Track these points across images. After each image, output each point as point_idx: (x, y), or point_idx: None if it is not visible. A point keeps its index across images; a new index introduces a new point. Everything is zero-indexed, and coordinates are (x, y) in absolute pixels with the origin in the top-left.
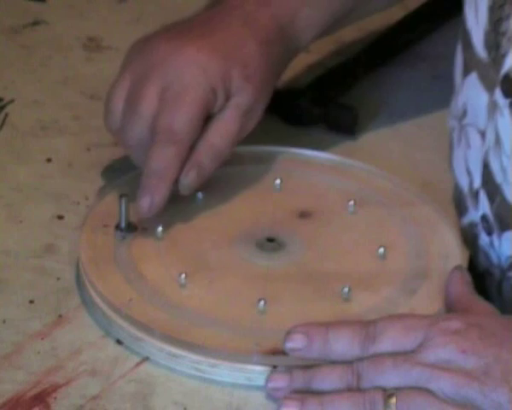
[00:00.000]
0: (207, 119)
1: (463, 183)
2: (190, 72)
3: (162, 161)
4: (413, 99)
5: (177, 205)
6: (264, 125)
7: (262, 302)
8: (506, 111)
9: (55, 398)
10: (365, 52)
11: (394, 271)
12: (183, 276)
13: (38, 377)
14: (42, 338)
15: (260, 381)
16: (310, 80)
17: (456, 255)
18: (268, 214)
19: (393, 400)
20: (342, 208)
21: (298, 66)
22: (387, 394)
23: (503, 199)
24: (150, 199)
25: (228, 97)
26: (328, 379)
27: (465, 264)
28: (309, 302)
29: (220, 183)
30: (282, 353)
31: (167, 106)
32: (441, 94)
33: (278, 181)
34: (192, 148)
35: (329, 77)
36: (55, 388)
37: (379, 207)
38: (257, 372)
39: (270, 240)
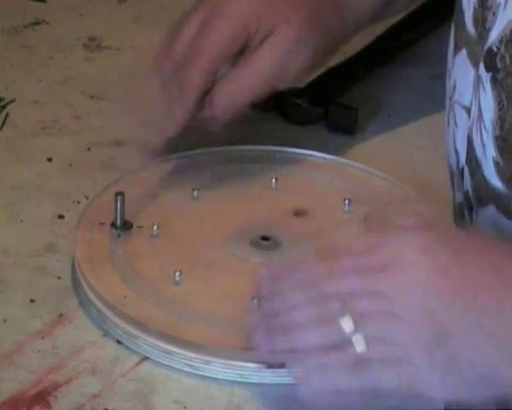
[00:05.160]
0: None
1: (453, 163)
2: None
3: (192, 77)
4: (413, 99)
5: (173, 203)
6: (264, 124)
7: (256, 300)
8: (487, 85)
9: (56, 397)
10: (365, 52)
11: None
12: (178, 273)
13: (39, 376)
14: (42, 337)
15: (254, 378)
16: (310, 80)
17: None
18: (263, 213)
19: (351, 312)
20: (337, 207)
21: None
22: (346, 306)
23: (481, 174)
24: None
25: (269, 31)
26: (295, 299)
27: None
28: None
29: (216, 181)
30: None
31: (205, 27)
32: (441, 94)
33: (274, 180)
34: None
35: (330, 76)
36: (56, 386)
37: (374, 206)
38: (250, 370)
39: (265, 238)
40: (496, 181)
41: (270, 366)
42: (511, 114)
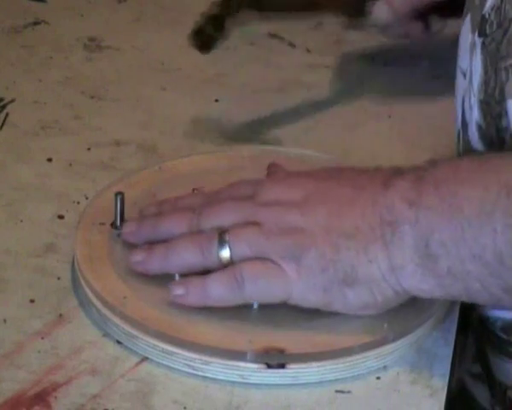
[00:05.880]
0: None
1: (456, 130)
2: None
3: None
4: (413, 99)
5: None
6: (265, 124)
7: (256, 303)
8: (478, 50)
9: (56, 397)
10: None
11: None
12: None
13: (39, 376)
14: (42, 337)
15: (254, 379)
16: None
17: None
18: None
19: (227, 235)
20: None
21: (299, 66)
22: (222, 230)
23: (467, 139)
24: None
25: None
26: (174, 224)
27: None
28: None
29: (215, 181)
30: (276, 350)
31: None
32: (441, 94)
33: None
34: None
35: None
36: (56, 387)
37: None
38: (250, 370)
39: None
40: (478, 145)
41: (270, 366)
42: (494, 78)
